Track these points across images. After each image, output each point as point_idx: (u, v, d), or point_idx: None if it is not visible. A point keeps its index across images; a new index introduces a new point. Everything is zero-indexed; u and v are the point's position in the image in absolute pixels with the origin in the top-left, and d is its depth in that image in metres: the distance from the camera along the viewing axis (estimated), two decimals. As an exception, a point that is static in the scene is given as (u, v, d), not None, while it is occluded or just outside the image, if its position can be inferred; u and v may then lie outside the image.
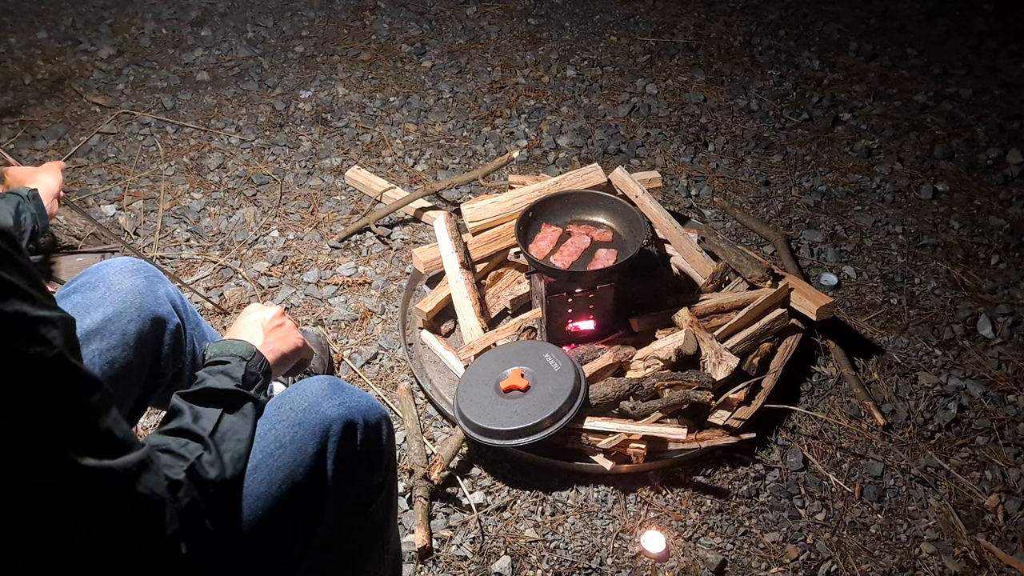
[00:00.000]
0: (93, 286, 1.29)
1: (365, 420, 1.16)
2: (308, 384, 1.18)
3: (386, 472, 1.23)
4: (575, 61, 3.50)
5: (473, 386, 1.91)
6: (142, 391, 1.32)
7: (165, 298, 1.35)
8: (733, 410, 1.98)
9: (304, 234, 2.58)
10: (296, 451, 1.09)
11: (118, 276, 1.31)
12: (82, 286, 1.30)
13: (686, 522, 1.84)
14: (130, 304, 1.29)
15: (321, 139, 3.00)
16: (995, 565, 1.80)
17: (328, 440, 1.11)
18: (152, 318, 1.31)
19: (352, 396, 1.17)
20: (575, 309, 2.08)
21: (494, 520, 1.83)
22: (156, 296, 1.33)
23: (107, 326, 1.25)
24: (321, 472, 1.11)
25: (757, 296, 2.16)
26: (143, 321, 1.30)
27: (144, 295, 1.31)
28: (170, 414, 1.05)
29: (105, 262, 1.35)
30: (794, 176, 2.92)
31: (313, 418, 1.12)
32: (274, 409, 1.14)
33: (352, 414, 1.14)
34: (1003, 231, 2.70)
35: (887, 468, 1.98)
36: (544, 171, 2.85)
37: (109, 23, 3.64)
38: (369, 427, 1.16)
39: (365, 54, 3.50)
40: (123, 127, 3.02)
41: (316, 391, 1.15)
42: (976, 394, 2.16)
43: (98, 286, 1.29)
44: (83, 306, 1.26)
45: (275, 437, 1.10)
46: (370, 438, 1.17)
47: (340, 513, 1.16)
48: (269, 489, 1.06)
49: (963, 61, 3.56)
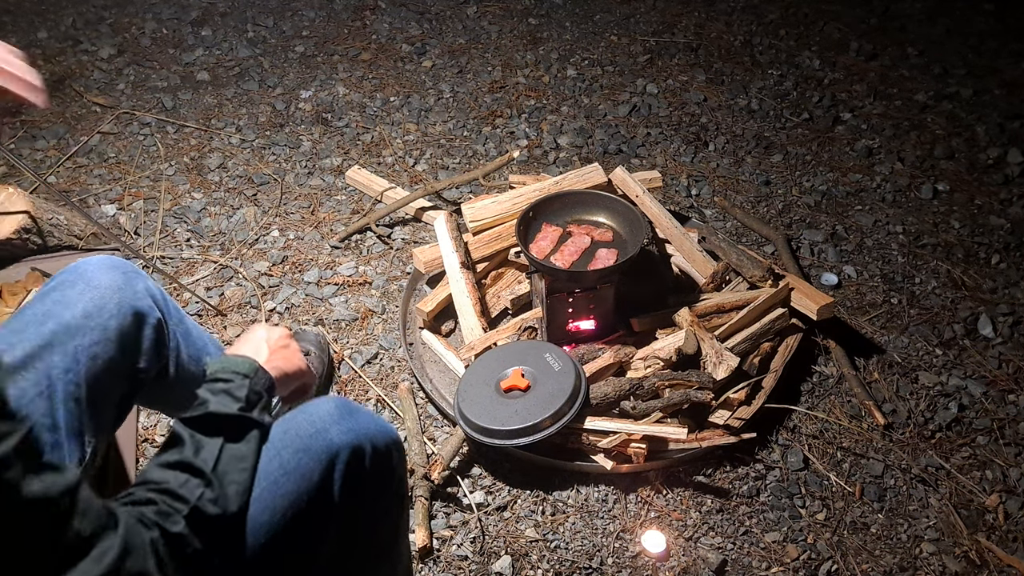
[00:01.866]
0: (72, 283, 1.28)
1: (374, 445, 1.13)
2: (315, 407, 1.14)
3: (395, 496, 1.21)
4: (575, 61, 3.50)
5: (474, 386, 1.91)
6: (127, 388, 1.30)
7: (144, 293, 1.33)
8: (734, 410, 1.98)
9: (304, 234, 2.58)
10: (301, 478, 1.07)
11: (96, 272, 1.30)
12: (61, 283, 1.28)
13: (686, 522, 1.84)
14: (109, 299, 1.27)
15: (321, 139, 3.00)
16: (996, 565, 1.80)
17: (335, 467, 1.08)
18: (132, 313, 1.29)
19: (360, 421, 1.13)
20: (575, 309, 2.08)
21: (494, 520, 1.83)
22: (135, 291, 1.31)
23: (87, 322, 1.23)
24: (327, 499, 1.09)
25: (757, 296, 2.16)
26: (123, 316, 1.28)
27: (123, 290, 1.29)
28: (170, 441, 1.03)
29: (83, 259, 1.34)
30: (794, 176, 2.92)
31: (319, 444, 1.09)
32: (279, 433, 1.11)
33: (360, 440, 1.11)
34: (1004, 231, 2.70)
35: (888, 468, 1.98)
36: (544, 171, 2.86)
37: (109, 23, 3.64)
38: (378, 452, 1.13)
39: (365, 54, 3.50)
40: (123, 127, 3.02)
41: (323, 415, 1.12)
42: (977, 394, 2.16)
43: (76, 283, 1.28)
44: (62, 303, 1.24)
45: (280, 464, 1.07)
46: (379, 463, 1.14)
47: (346, 536, 1.14)
48: (272, 518, 1.04)
49: (963, 61, 3.56)
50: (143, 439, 1.93)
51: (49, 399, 1.14)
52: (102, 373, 1.23)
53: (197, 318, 2.26)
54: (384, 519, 1.21)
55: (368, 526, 1.18)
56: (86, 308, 1.24)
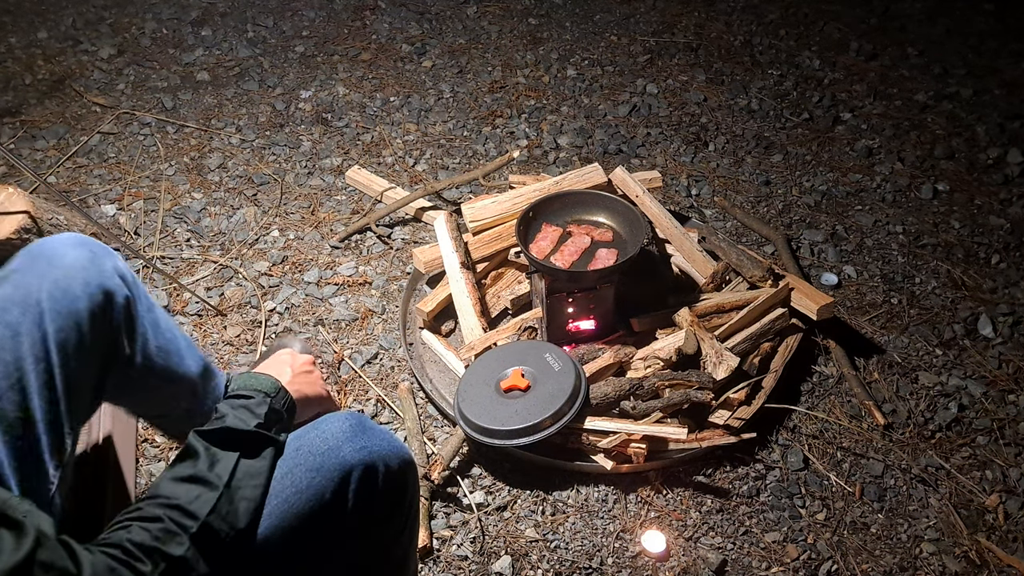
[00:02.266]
0: (32, 265, 1.19)
1: (387, 465, 1.10)
2: (329, 423, 1.11)
3: (408, 515, 1.19)
4: (575, 61, 3.50)
5: (473, 386, 1.91)
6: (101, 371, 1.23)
7: (113, 272, 1.25)
8: (733, 410, 1.98)
9: (304, 234, 2.58)
10: (313, 496, 1.05)
11: (60, 249, 1.21)
12: (21, 266, 1.19)
13: (686, 522, 1.84)
14: (75, 279, 1.18)
15: (321, 139, 3.00)
16: (996, 565, 1.80)
17: (348, 486, 1.06)
18: (102, 292, 1.21)
19: (375, 439, 1.10)
20: (575, 309, 2.08)
21: (494, 520, 1.83)
22: (102, 270, 1.23)
23: (54, 306, 1.15)
24: (339, 518, 1.07)
25: (757, 296, 2.16)
26: (91, 297, 1.19)
27: (87, 269, 1.21)
28: (184, 453, 1.01)
29: (47, 238, 1.25)
30: (794, 176, 2.92)
31: (332, 463, 1.06)
32: (292, 450, 1.09)
33: (373, 459, 1.09)
34: (1003, 231, 2.70)
35: (888, 468, 1.98)
36: (544, 171, 2.86)
37: (109, 23, 3.64)
38: (391, 472, 1.11)
39: (365, 54, 3.50)
40: (123, 127, 3.02)
41: (336, 432, 1.09)
42: (976, 394, 2.16)
43: (38, 262, 1.19)
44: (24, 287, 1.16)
45: (292, 482, 1.06)
46: (392, 483, 1.11)
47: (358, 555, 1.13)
48: (283, 535, 1.03)
49: (963, 61, 3.56)
50: (143, 439, 1.93)
51: (22, 392, 1.08)
52: (74, 358, 1.16)
53: (197, 318, 2.26)
54: (397, 538, 1.19)
55: (380, 545, 1.17)
56: (51, 291, 1.16)
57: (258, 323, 2.26)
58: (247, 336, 2.23)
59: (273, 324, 2.27)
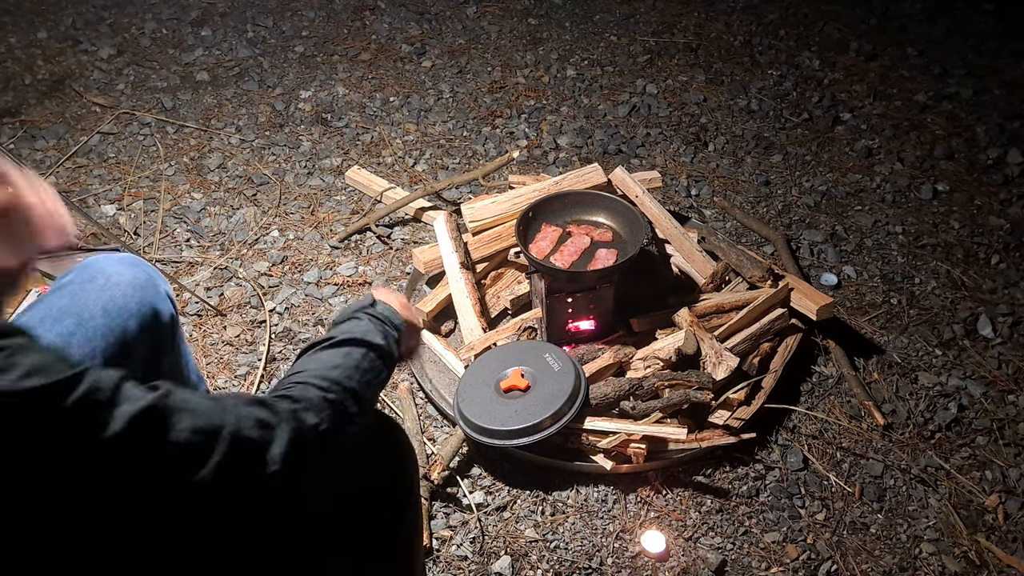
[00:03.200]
0: (91, 278, 1.24)
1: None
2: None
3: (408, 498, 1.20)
4: (575, 61, 3.50)
5: (473, 386, 1.91)
6: None
7: (165, 296, 1.32)
8: (733, 410, 1.98)
9: (304, 234, 2.58)
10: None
11: (118, 268, 1.27)
12: (79, 278, 1.24)
13: (686, 522, 1.84)
14: (130, 298, 1.24)
15: (321, 139, 3.00)
16: (995, 565, 1.80)
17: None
18: (153, 312, 1.27)
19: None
20: (575, 309, 2.08)
21: (494, 520, 1.83)
22: (157, 291, 1.30)
23: (107, 322, 1.20)
24: None
25: (757, 296, 2.16)
26: (143, 316, 1.25)
27: (145, 288, 1.27)
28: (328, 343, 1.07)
29: (101, 256, 1.30)
30: (794, 176, 2.92)
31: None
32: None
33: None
34: (1003, 231, 2.70)
35: (887, 468, 1.98)
36: (544, 171, 2.85)
37: (109, 23, 3.64)
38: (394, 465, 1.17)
39: (365, 54, 3.50)
40: (123, 127, 3.02)
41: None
42: (976, 394, 2.16)
43: (96, 278, 1.24)
44: (80, 298, 1.20)
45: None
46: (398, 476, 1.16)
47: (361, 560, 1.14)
48: None
49: (963, 61, 3.56)
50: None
51: None
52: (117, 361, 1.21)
53: (197, 318, 2.26)
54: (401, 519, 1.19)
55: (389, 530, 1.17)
56: (106, 306, 1.21)
57: (258, 323, 2.26)
58: (247, 336, 2.23)
59: (273, 324, 2.27)
